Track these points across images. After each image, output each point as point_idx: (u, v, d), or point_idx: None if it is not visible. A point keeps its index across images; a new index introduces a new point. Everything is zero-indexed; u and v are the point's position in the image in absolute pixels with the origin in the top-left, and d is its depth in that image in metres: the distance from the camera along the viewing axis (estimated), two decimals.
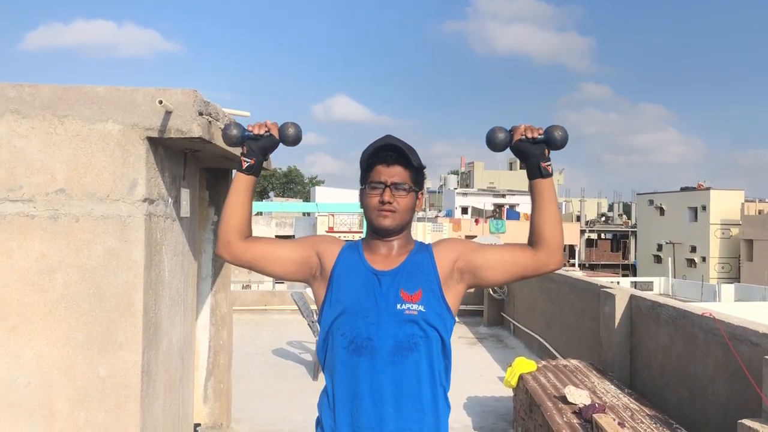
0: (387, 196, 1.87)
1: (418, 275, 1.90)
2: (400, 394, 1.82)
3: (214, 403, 4.82)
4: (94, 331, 2.83)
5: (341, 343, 1.86)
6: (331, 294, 1.92)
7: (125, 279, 2.85)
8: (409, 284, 1.88)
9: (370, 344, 1.83)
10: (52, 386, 2.82)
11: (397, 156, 1.89)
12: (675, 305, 4.78)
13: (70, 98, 2.85)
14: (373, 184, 1.89)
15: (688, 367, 4.40)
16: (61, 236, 2.82)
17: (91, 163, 2.84)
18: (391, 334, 1.82)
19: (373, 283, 1.88)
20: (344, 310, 1.87)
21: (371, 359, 1.82)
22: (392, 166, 1.89)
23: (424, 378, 1.85)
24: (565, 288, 7.50)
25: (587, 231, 57.48)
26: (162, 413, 3.18)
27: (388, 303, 1.85)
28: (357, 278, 1.90)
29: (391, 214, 1.88)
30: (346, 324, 1.86)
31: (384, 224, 1.89)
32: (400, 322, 1.83)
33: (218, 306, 4.85)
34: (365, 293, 1.87)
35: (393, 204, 1.88)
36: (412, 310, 1.85)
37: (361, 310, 1.85)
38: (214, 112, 3.13)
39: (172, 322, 3.35)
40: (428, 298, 1.88)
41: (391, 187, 1.87)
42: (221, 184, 4.85)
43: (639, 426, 3.79)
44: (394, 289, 1.86)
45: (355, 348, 1.84)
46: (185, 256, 3.57)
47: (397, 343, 1.83)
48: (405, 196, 1.89)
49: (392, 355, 1.82)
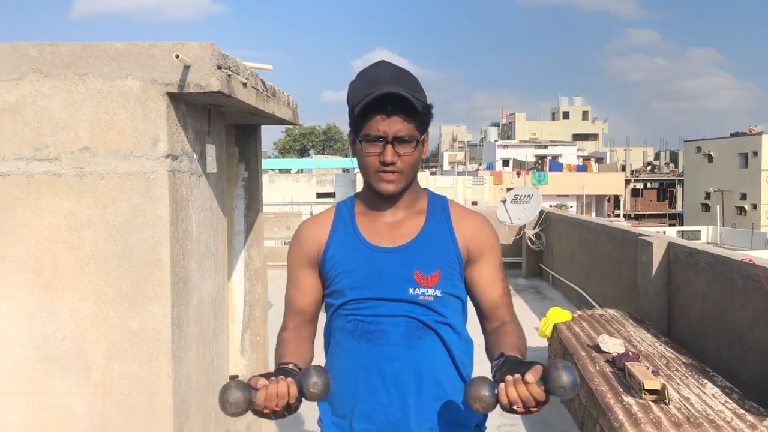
0: (389, 155, 1.52)
1: (435, 252, 1.59)
2: (420, 381, 1.58)
3: (251, 355, 4.92)
4: (123, 286, 2.89)
5: (345, 328, 1.62)
6: (328, 283, 1.65)
7: (151, 235, 2.89)
8: (424, 263, 1.57)
9: (380, 328, 1.57)
10: (87, 340, 2.90)
11: (398, 104, 1.50)
12: (714, 251, 4.66)
13: (89, 56, 2.86)
14: (370, 139, 1.53)
15: (727, 315, 4.30)
16: (87, 194, 2.87)
17: (113, 121, 2.86)
18: (403, 313, 1.57)
19: (375, 263, 1.58)
20: (344, 296, 1.60)
21: (382, 345, 1.57)
22: (393, 115, 1.51)
23: (446, 362, 1.62)
24: (603, 237, 7.38)
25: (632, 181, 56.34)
26: (195, 365, 3.26)
27: (399, 286, 1.57)
28: (354, 259, 1.60)
29: (396, 177, 1.55)
30: (348, 310, 1.61)
31: (387, 189, 1.56)
32: (413, 305, 1.57)
33: (252, 261, 4.90)
34: (367, 275, 1.58)
35: (397, 164, 1.54)
36: (428, 295, 1.57)
37: (365, 294, 1.58)
38: (234, 66, 3.10)
39: (203, 277, 3.40)
40: (446, 281, 1.59)
41: (394, 142, 1.52)
42: (250, 140, 4.85)
43: (674, 374, 3.74)
44: (405, 270, 1.57)
45: (361, 334, 1.59)
46: (214, 211, 3.60)
47: (412, 323, 1.57)
48: (411, 153, 1.54)
49: (407, 338, 1.57)
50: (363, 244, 1.61)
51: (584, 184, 44.37)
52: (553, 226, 9.98)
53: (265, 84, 3.83)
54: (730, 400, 3.32)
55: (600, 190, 46.86)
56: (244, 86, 3.28)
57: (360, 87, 1.55)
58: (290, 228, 12.14)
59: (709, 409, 3.19)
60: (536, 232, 10.29)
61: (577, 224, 8.76)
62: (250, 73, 3.44)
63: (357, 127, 1.57)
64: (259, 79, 3.66)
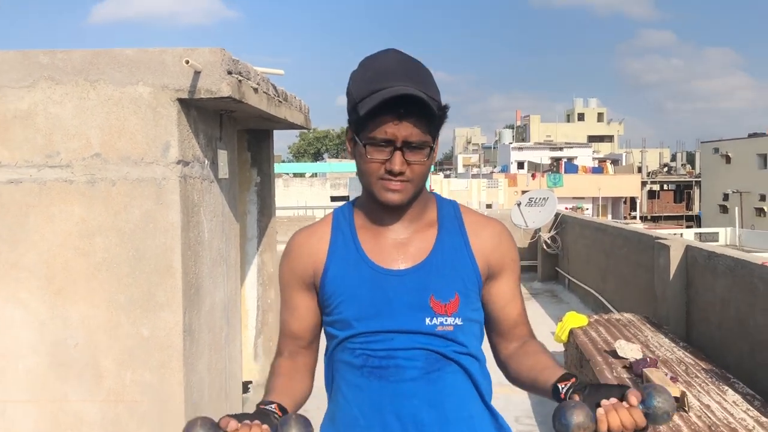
0: (398, 163, 1.31)
1: (452, 272, 1.39)
2: (445, 420, 1.38)
3: (265, 361, 4.90)
4: (135, 292, 2.87)
5: (352, 363, 1.40)
6: (328, 310, 1.43)
7: (163, 241, 2.87)
8: (441, 287, 1.37)
9: (394, 363, 1.36)
10: (99, 347, 2.89)
11: (412, 106, 1.29)
12: (733, 255, 4.58)
13: (100, 62, 2.85)
14: (376, 143, 1.32)
15: (748, 320, 4.22)
16: (99, 200, 2.86)
17: (124, 127, 2.85)
18: (419, 346, 1.37)
19: (383, 288, 1.37)
20: (351, 328, 1.39)
21: (397, 382, 1.37)
22: (405, 118, 1.30)
23: (471, 393, 1.42)
24: (619, 240, 7.29)
25: (649, 182, 55.90)
26: (207, 371, 3.24)
27: (414, 317, 1.36)
28: (360, 283, 1.39)
29: (404, 186, 1.34)
30: (355, 344, 1.40)
31: (392, 200, 1.35)
32: (430, 337, 1.37)
33: (265, 266, 4.89)
34: (375, 303, 1.37)
35: (405, 173, 1.32)
36: (447, 325, 1.37)
37: (374, 326, 1.37)
38: (245, 71, 3.09)
39: (215, 283, 3.38)
40: (466, 306, 1.39)
41: (404, 148, 1.31)
42: (263, 145, 4.85)
43: (693, 380, 3.67)
44: (419, 297, 1.37)
45: (371, 369, 1.38)
46: (226, 217, 3.59)
47: (430, 356, 1.37)
48: (423, 161, 1.33)
49: (426, 372, 1.36)
50: (368, 265, 1.39)
51: (600, 186, 44.10)
52: (568, 229, 9.90)
53: (277, 89, 3.81)
54: (751, 408, 3.25)
55: (616, 192, 46.55)
56: (255, 91, 3.26)
57: (365, 80, 1.33)
58: None
59: (731, 417, 3.12)
60: (552, 235, 10.21)
61: (594, 227, 8.68)
62: (261, 78, 3.42)
63: (359, 126, 1.34)
64: (270, 84, 3.64)
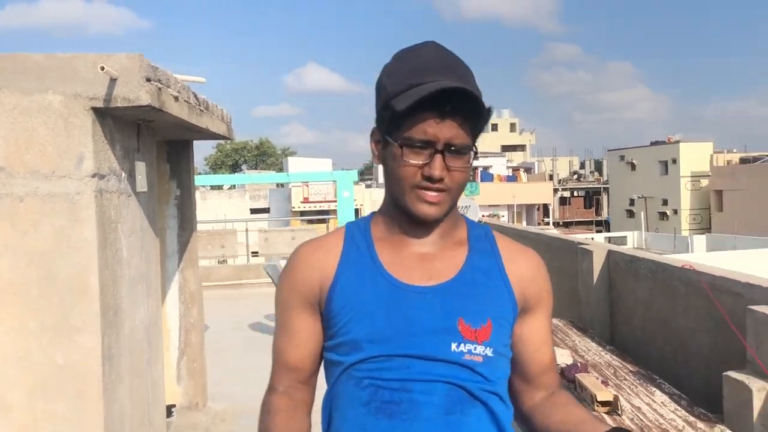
0: (438, 168, 1.14)
1: (485, 295, 1.21)
2: None
3: (188, 383, 4.68)
4: (47, 317, 2.65)
5: (357, 398, 1.18)
6: (333, 330, 1.22)
7: (78, 260, 2.67)
8: (472, 310, 1.18)
9: (408, 397, 1.15)
10: (7, 377, 2.65)
11: (459, 103, 1.12)
12: (654, 258, 4.72)
13: (5, 68, 2.63)
14: (414, 144, 1.14)
15: (670, 321, 4.34)
16: (4, 218, 2.62)
17: (32, 138, 2.63)
18: (441, 378, 1.16)
19: (403, 306, 1.18)
20: (360, 351, 1.18)
21: (412, 421, 1.15)
22: (449, 117, 1.13)
23: None
24: (541, 246, 7.43)
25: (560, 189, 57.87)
26: (128, 398, 3.03)
27: (438, 340, 1.16)
28: (374, 299, 1.18)
29: (442, 197, 1.17)
30: (362, 372, 1.18)
31: (428, 214, 1.17)
32: (454, 366, 1.17)
33: (187, 283, 4.68)
34: (392, 323, 1.17)
35: (445, 181, 1.15)
36: (476, 354, 1.17)
37: (388, 349, 1.16)
38: (164, 78, 2.92)
39: (135, 303, 3.18)
40: (498, 337, 1.20)
41: (445, 151, 1.14)
42: (182, 156, 4.65)
43: (622, 383, 3.74)
44: (447, 319, 1.17)
45: (381, 405, 1.16)
46: (145, 232, 3.39)
47: (453, 391, 1.16)
48: (464, 167, 1.17)
49: (446, 413, 1.15)
50: (385, 278, 1.19)
51: (514, 194, 45.30)
52: None
53: (198, 97, 3.64)
54: (679, 408, 3.32)
55: (530, 200, 47.97)
56: (176, 100, 3.09)
57: (402, 73, 1.16)
58: (224, 246, 11.84)
59: (661, 418, 3.18)
60: None
61: (514, 234, 8.83)
62: (182, 86, 3.26)
63: (392, 125, 1.17)
64: (191, 93, 3.48)
